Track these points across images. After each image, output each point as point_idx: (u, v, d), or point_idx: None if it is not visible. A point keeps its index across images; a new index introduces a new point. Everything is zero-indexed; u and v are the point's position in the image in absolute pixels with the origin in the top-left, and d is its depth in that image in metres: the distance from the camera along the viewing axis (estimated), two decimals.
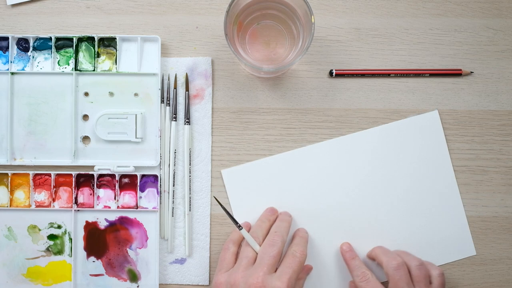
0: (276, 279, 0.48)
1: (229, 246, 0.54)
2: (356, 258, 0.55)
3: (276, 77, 0.58)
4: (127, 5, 0.58)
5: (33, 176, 0.57)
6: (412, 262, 0.53)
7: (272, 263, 0.49)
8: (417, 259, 0.53)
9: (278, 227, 0.54)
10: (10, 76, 0.57)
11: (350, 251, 0.56)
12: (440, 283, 0.53)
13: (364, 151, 0.58)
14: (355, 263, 0.55)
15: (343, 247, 0.57)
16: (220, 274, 0.51)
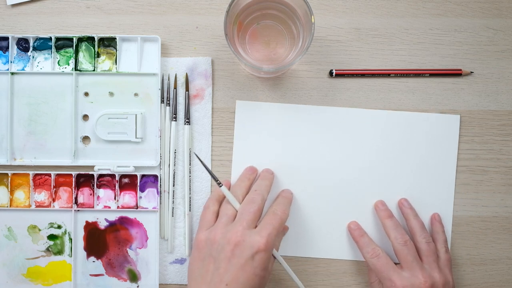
0: (255, 234, 0.47)
1: (209, 204, 0.53)
2: (365, 235, 0.55)
3: (276, 77, 0.58)
4: (127, 5, 0.58)
5: (33, 176, 0.57)
6: (420, 238, 0.54)
7: (251, 218, 0.49)
8: (426, 235, 0.54)
9: (259, 185, 0.53)
10: (10, 76, 0.57)
11: (358, 229, 0.56)
12: (447, 258, 0.54)
13: (379, 130, 0.58)
14: (364, 240, 0.55)
15: (351, 226, 0.57)
16: (201, 232, 0.50)
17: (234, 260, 0.46)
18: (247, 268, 0.46)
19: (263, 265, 0.47)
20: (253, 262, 0.46)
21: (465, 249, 0.58)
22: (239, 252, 0.46)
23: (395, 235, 0.53)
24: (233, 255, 0.46)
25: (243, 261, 0.46)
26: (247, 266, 0.46)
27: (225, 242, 0.47)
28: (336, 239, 0.58)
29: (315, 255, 0.58)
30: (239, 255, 0.46)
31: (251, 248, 0.46)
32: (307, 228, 0.58)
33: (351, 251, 0.58)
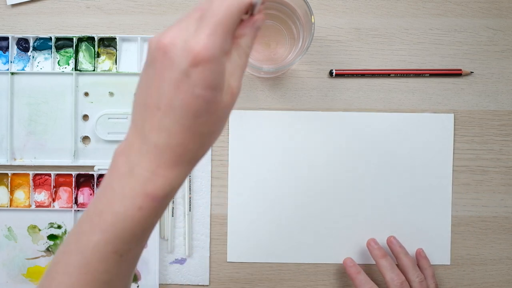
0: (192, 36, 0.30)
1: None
2: (361, 273, 0.55)
3: (276, 77, 0.58)
4: (127, 5, 0.58)
5: (33, 176, 0.57)
6: (413, 276, 0.54)
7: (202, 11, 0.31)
8: (418, 273, 0.54)
9: None
10: (10, 76, 0.57)
11: (354, 266, 0.56)
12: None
13: (375, 132, 0.58)
14: (360, 278, 0.55)
15: (347, 262, 0.57)
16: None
17: (164, 74, 0.31)
18: (182, 85, 0.30)
19: (206, 81, 0.30)
20: (189, 79, 0.30)
21: (465, 249, 0.58)
22: (169, 62, 0.30)
23: (391, 276, 0.53)
24: (163, 67, 0.31)
25: (176, 76, 0.30)
26: (183, 84, 0.30)
27: (156, 47, 0.31)
28: (337, 242, 0.58)
29: (315, 261, 0.58)
30: (170, 67, 0.30)
31: (184, 57, 0.30)
32: (307, 233, 0.58)
33: (353, 254, 0.58)
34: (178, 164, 0.32)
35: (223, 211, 0.58)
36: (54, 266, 0.34)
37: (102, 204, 0.33)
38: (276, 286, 0.58)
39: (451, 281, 0.58)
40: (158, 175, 0.32)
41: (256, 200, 0.58)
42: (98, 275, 0.33)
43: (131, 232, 0.33)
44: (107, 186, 0.33)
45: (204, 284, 0.58)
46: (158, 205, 0.33)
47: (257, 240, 0.58)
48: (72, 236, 0.34)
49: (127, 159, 0.33)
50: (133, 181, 0.32)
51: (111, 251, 0.33)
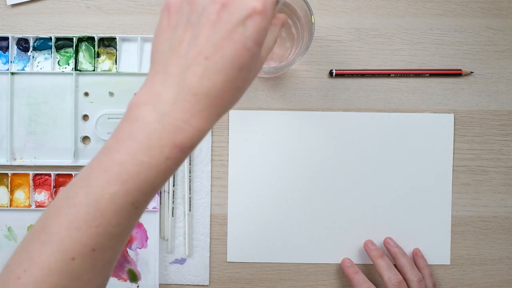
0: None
1: None
2: (359, 273, 0.55)
3: (276, 77, 0.58)
4: (127, 5, 0.58)
5: (33, 176, 0.57)
6: (412, 276, 0.54)
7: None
8: (416, 273, 0.54)
9: None
10: (10, 76, 0.57)
11: (351, 266, 0.56)
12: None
13: (374, 133, 0.58)
14: (358, 277, 0.55)
15: (345, 262, 0.57)
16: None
17: (220, 25, 0.32)
18: (235, 36, 0.32)
19: (257, 35, 0.33)
20: (245, 30, 0.32)
21: (465, 249, 0.58)
22: (227, 14, 0.32)
23: (389, 275, 0.53)
24: (219, 18, 0.33)
25: (231, 27, 0.32)
26: (237, 34, 0.32)
27: (209, 1, 0.33)
28: (338, 242, 0.58)
29: (315, 261, 0.58)
30: (227, 19, 0.32)
31: (243, 9, 0.32)
32: (307, 233, 0.58)
33: (353, 255, 0.58)
34: (211, 115, 0.33)
35: (223, 211, 0.58)
36: (53, 220, 0.33)
37: (121, 154, 0.32)
38: (276, 286, 0.58)
39: (451, 281, 0.58)
40: (190, 125, 0.32)
41: (256, 200, 0.58)
42: (110, 228, 0.32)
43: (153, 182, 0.32)
44: (126, 137, 0.32)
45: (204, 284, 0.58)
46: (184, 155, 0.33)
47: (257, 240, 0.58)
48: (76, 189, 0.33)
49: (154, 108, 0.32)
50: (162, 131, 0.32)
51: (128, 203, 0.32)
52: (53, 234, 0.32)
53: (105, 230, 0.32)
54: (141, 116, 0.32)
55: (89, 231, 0.32)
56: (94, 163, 0.33)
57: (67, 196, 0.33)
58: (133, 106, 0.33)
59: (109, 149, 0.33)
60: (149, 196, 0.33)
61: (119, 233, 0.33)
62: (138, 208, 0.33)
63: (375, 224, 0.58)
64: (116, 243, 0.34)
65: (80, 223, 0.32)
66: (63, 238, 0.32)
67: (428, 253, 0.58)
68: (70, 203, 0.33)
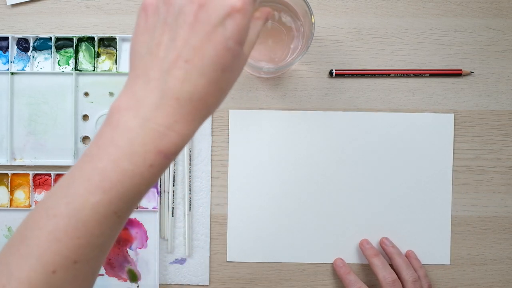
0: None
1: None
2: (350, 273, 0.56)
3: (276, 77, 0.58)
4: (127, 5, 0.58)
5: (33, 176, 0.57)
6: (407, 276, 0.54)
7: None
8: (412, 273, 0.54)
9: None
10: (10, 76, 0.57)
11: (344, 266, 0.56)
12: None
13: (375, 132, 0.58)
14: (350, 278, 0.55)
15: (337, 263, 0.57)
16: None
17: (198, 27, 0.31)
18: (215, 37, 0.31)
19: (238, 34, 0.31)
20: (225, 30, 0.31)
21: (465, 249, 0.58)
22: (204, 15, 0.31)
23: (384, 274, 0.54)
24: (196, 19, 0.31)
25: (210, 28, 0.31)
26: (216, 35, 0.31)
27: (186, 2, 0.31)
28: (338, 242, 0.58)
29: (315, 261, 0.58)
30: (205, 20, 0.31)
31: (221, 8, 0.31)
32: (307, 233, 0.58)
33: (353, 254, 0.58)
34: (195, 119, 0.32)
35: (223, 211, 0.58)
36: (32, 232, 0.31)
37: (103, 162, 0.31)
38: (276, 286, 0.58)
39: (451, 281, 0.58)
40: (174, 130, 0.31)
41: (256, 200, 0.58)
42: (92, 238, 0.31)
43: (136, 190, 0.31)
44: (108, 143, 0.31)
45: (204, 284, 0.58)
46: (168, 161, 0.32)
47: (257, 240, 0.58)
48: (56, 199, 0.32)
49: (136, 114, 0.31)
50: (145, 137, 0.31)
51: (111, 212, 0.31)
52: (33, 246, 0.31)
53: (87, 241, 0.31)
54: (123, 121, 0.31)
55: (70, 243, 0.31)
56: (75, 172, 0.32)
57: (46, 207, 0.32)
58: (114, 111, 0.32)
59: (90, 157, 0.32)
60: (132, 204, 0.32)
61: (102, 243, 0.32)
62: (121, 217, 0.32)
63: (375, 224, 0.58)
64: (98, 253, 0.32)
65: (60, 235, 0.31)
66: (43, 251, 0.31)
67: (428, 253, 0.58)
68: (50, 213, 0.31)
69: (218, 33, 0.31)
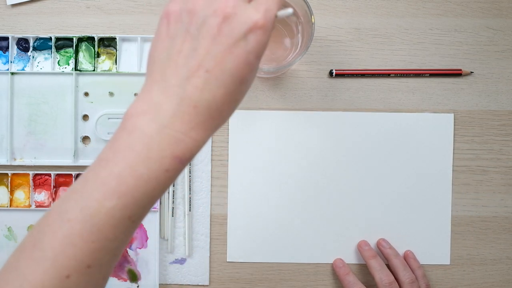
0: (251, 8, 0.33)
1: None
2: (350, 274, 0.56)
3: (276, 77, 0.58)
4: (127, 5, 0.58)
5: (33, 176, 0.57)
6: (404, 277, 0.54)
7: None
8: (409, 274, 0.54)
9: None
10: (10, 76, 0.57)
11: (343, 267, 0.56)
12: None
13: (375, 132, 0.58)
14: (349, 279, 0.55)
15: (336, 263, 0.57)
16: (174, 2, 0.34)
17: (221, 39, 0.32)
18: (237, 50, 0.32)
19: (258, 49, 0.33)
20: (246, 44, 0.32)
21: (465, 249, 0.58)
22: (228, 28, 0.32)
23: (380, 276, 0.54)
24: (220, 31, 0.32)
25: (233, 41, 0.32)
26: (238, 48, 0.32)
27: (210, 13, 0.32)
28: (338, 242, 0.58)
29: (315, 261, 0.58)
30: (229, 33, 0.32)
31: (245, 23, 0.32)
32: (307, 233, 0.58)
33: (353, 254, 0.58)
34: (210, 127, 0.33)
35: (223, 211, 0.58)
36: (46, 236, 0.32)
37: (119, 167, 0.31)
38: (276, 286, 0.58)
39: (451, 281, 0.58)
40: (190, 137, 0.32)
41: (256, 200, 0.58)
42: (107, 243, 0.31)
43: (151, 195, 0.32)
44: (124, 148, 0.31)
45: (204, 284, 0.58)
46: (183, 167, 0.33)
47: (257, 240, 0.58)
48: (70, 204, 0.32)
49: (153, 120, 0.32)
50: (162, 142, 0.31)
51: (125, 217, 0.31)
52: (47, 250, 0.31)
53: (102, 246, 0.31)
54: (139, 126, 0.32)
55: (85, 247, 0.31)
56: (90, 176, 0.32)
57: (60, 211, 0.32)
58: (130, 116, 0.32)
59: (106, 161, 0.32)
60: (146, 209, 0.33)
61: (115, 247, 0.32)
62: (135, 221, 0.32)
63: (375, 223, 0.58)
64: (112, 257, 0.33)
65: (76, 239, 0.31)
66: (57, 255, 0.31)
67: (428, 253, 0.58)
68: (65, 218, 0.31)
69: (240, 46, 0.32)
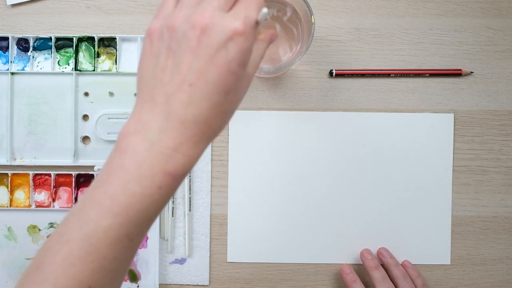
0: (229, 16, 0.32)
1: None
2: (357, 281, 0.55)
3: (276, 77, 0.58)
4: (127, 5, 0.58)
5: (33, 176, 0.57)
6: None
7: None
8: (410, 284, 0.54)
9: None
10: (10, 76, 0.57)
11: (351, 273, 0.56)
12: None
13: (375, 133, 0.58)
14: (356, 286, 0.55)
15: (344, 269, 0.57)
16: (156, 20, 0.34)
17: (201, 51, 0.32)
18: (218, 60, 0.32)
19: (240, 57, 0.32)
20: (227, 52, 0.31)
21: (465, 249, 0.58)
22: (207, 39, 0.32)
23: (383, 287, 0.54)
24: (199, 43, 0.32)
25: (213, 52, 0.32)
26: (219, 58, 0.32)
27: (188, 27, 0.32)
28: (338, 242, 0.58)
29: (315, 261, 0.58)
30: (208, 44, 0.32)
31: (223, 32, 0.31)
32: (307, 233, 0.58)
33: (353, 254, 0.58)
34: (200, 141, 0.32)
35: (223, 211, 0.58)
36: (47, 258, 0.32)
37: (113, 186, 0.32)
38: (276, 286, 0.58)
39: (451, 281, 0.58)
40: (180, 152, 0.32)
41: (256, 200, 0.58)
42: (105, 262, 0.32)
43: (147, 213, 0.32)
44: (117, 168, 0.32)
45: (204, 284, 0.58)
46: (177, 183, 0.33)
47: (257, 240, 0.58)
48: (69, 225, 0.32)
49: (143, 138, 0.32)
50: (152, 160, 0.32)
51: (122, 236, 0.32)
52: (48, 273, 0.32)
53: (101, 265, 0.32)
54: (131, 146, 0.32)
55: (84, 268, 0.31)
56: (87, 197, 0.33)
57: (60, 233, 0.33)
58: (122, 136, 0.33)
59: (101, 182, 0.32)
60: (144, 227, 0.33)
61: (115, 267, 0.32)
62: (134, 240, 0.33)
63: (375, 224, 0.58)
64: (113, 277, 0.33)
65: (74, 260, 0.31)
66: (58, 276, 0.31)
67: (428, 253, 0.58)
68: (64, 239, 0.32)
69: (220, 56, 0.31)
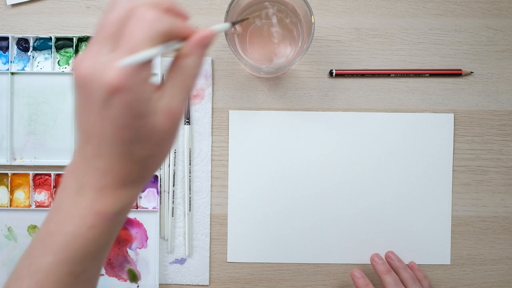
0: (107, 63, 0.28)
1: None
2: (369, 285, 0.55)
3: (276, 77, 0.58)
4: None
5: (33, 176, 0.57)
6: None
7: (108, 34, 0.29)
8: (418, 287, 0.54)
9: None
10: (10, 76, 0.57)
11: (362, 278, 0.56)
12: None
13: (375, 132, 0.58)
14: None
15: (355, 274, 0.56)
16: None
17: (89, 105, 0.29)
18: (107, 116, 0.29)
19: (127, 111, 0.29)
20: (112, 108, 0.28)
21: (465, 249, 0.58)
22: (88, 94, 0.29)
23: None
24: (85, 98, 0.29)
25: (98, 109, 0.29)
26: (106, 114, 0.29)
27: (76, 78, 0.29)
28: (338, 242, 0.58)
29: (315, 261, 0.58)
30: (92, 102, 0.29)
31: (100, 89, 0.28)
32: (307, 233, 0.58)
33: (353, 254, 0.58)
34: (124, 186, 0.32)
35: (223, 211, 0.58)
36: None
37: (52, 224, 0.33)
38: (276, 286, 0.58)
39: (451, 281, 0.58)
40: (106, 194, 0.32)
41: (256, 200, 0.58)
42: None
43: (84, 251, 0.32)
44: (57, 206, 0.33)
45: (204, 284, 0.58)
46: (110, 223, 0.32)
47: (257, 240, 0.58)
48: (24, 260, 0.33)
49: (75, 178, 0.32)
50: (82, 200, 0.32)
51: (65, 273, 0.32)
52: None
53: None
54: (68, 185, 0.33)
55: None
56: (37, 234, 0.34)
57: (15, 269, 0.34)
58: (64, 174, 0.33)
59: (46, 220, 0.34)
60: (89, 264, 0.33)
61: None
62: (79, 277, 0.33)
63: (375, 223, 0.58)
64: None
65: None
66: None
67: (428, 253, 0.58)
68: (17, 275, 0.33)
69: (106, 113, 0.29)
